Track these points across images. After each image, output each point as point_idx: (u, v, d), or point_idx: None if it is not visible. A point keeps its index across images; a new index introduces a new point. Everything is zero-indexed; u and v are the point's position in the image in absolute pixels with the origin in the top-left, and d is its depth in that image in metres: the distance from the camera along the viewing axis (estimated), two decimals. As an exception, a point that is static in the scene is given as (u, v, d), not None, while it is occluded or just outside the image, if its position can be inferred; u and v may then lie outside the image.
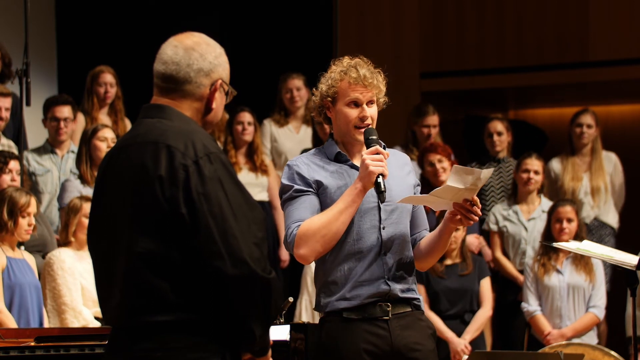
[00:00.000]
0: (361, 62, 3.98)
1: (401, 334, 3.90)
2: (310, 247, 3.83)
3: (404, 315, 3.93)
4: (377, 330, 3.89)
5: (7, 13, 8.46)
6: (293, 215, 3.89)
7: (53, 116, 7.38)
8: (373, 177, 3.79)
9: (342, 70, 3.97)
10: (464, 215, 3.83)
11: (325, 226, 3.82)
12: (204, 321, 3.03)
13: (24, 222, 5.82)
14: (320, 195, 3.92)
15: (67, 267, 6.05)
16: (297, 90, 8.38)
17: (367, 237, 3.90)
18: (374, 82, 3.94)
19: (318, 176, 3.93)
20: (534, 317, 7.08)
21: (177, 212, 2.99)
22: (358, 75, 3.92)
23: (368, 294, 3.88)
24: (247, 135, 7.92)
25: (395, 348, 3.89)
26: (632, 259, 4.55)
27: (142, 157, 3.06)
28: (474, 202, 3.81)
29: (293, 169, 3.95)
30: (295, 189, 3.91)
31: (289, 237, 3.86)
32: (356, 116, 3.93)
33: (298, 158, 4.01)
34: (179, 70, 3.16)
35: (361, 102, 3.93)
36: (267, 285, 3.01)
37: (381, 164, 3.80)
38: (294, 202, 3.91)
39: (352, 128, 3.94)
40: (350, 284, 3.89)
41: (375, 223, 3.92)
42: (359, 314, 3.89)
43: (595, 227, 7.97)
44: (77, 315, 6.01)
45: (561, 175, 8.01)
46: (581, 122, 8.01)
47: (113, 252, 3.09)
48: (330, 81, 3.99)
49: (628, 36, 9.21)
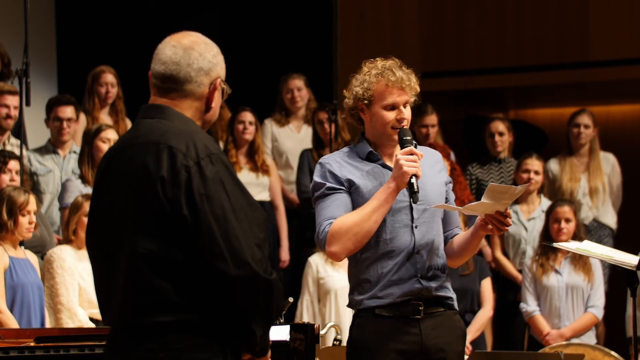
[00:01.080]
0: (395, 65, 4.01)
1: (432, 333, 3.94)
2: (342, 245, 3.88)
3: (437, 315, 3.97)
4: (408, 328, 3.92)
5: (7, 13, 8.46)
6: (325, 212, 3.93)
7: (56, 116, 7.38)
8: (407, 177, 3.83)
9: (378, 72, 3.98)
10: (495, 226, 3.89)
11: (358, 224, 3.86)
12: (205, 322, 3.03)
13: (24, 221, 5.82)
14: (352, 194, 3.96)
15: (67, 266, 6.05)
16: (297, 91, 8.38)
17: (399, 236, 3.94)
18: (410, 84, 3.98)
19: (350, 175, 3.97)
20: (533, 317, 7.08)
21: (179, 213, 2.99)
22: (396, 78, 3.95)
23: (400, 292, 3.92)
24: (248, 134, 7.92)
25: (424, 347, 3.93)
26: (632, 259, 4.55)
27: (143, 158, 3.06)
28: (506, 214, 3.87)
29: (325, 167, 3.99)
30: (328, 187, 3.95)
31: (321, 234, 3.90)
32: (393, 118, 3.97)
33: (330, 156, 4.05)
34: (179, 70, 3.16)
35: (398, 105, 3.97)
36: (268, 286, 3.02)
37: (415, 164, 3.84)
38: (326, 200, 3.94)
39: (388, 129, 3.97)
40: (383, 283, 3.92)
41: (408, 222, 3.95)
42: (390, 311, 3.93)
43: (594, 228, 7.96)
44: (72, 316, 6.01)
45: (559, 176, 8.01)
46: (578, 123, 8.01)
47: (114, 253, 3.09)
48: (365, 84, 3.99)
49: (628, 36, 9.21)
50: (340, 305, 6.63)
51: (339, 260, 4.01)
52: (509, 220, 3.87)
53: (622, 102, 10.35)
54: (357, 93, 4.01)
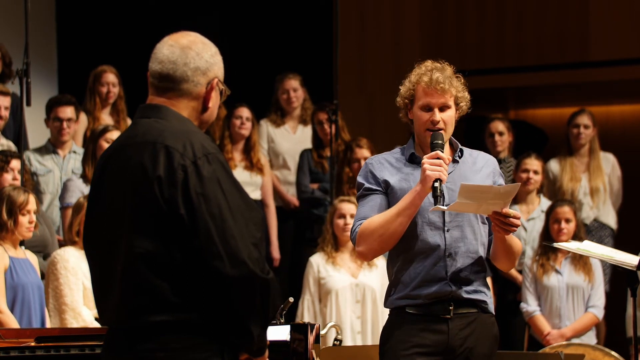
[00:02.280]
0: (439, 66, 4.06)
1: (459, 333, 3.97)
2: (368, 245, 3.96)
3: (467, 316, 3.99)
4: (436, 327, 3.96)
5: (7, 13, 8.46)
6: (360, 212, 4.03)
7: (56, 116, 7.38)
8: (430, 181, 3.85)
9: (420, 73, 4.04)
10: (498, 227, 3.89)
11: (383, 226, 3.92)
12: (203, 321, 3.03)
13: (24, 220, 5.82)
14: (388, 195, 4.02)
15: (70, 266, 6.05)
16: (293, 91, 8.38)
17: (430, 238, 3.97)
18: (445, 86, 4.00)
19: (387, 176, 4.03)
20: (533, 317, 7.09)
21: (176, 212, 2.99)
22: (430, 79, 3.99)
23: (430, 294, 3.95)
24: (244, 129, 7.91)
25: (450, 346, 3.96)
26: (632, 259, 4.55)
27: (140, 158, 3.07)
28: (505, 214, 3.85)
29: (368, 167, 4.09)
30: (365, 187, 4.04)
31: (352, 233, 4.00)
32: (427, 119, 4.00)
33: (377, 156, 4.14)
34: (176, 69, 3.16)
35: (433, 107, 4.00)
36: (265, 286, 3.02)
37: (439, 168, 3.86)
38: (362, 200, 4.05)
39: (423, 130, 4.02)
40: (414, 284, 3.97)
41: (440, 225, 3.98)
42: (421, 310, 3.97)
43: (595, 228, 7.97)
44: (77, 316, 6.01)
45: (559, 176, 8.01)
46: (578, 123, 8.01)
47: (111, 252, 3.09)
48: (408, 84, 4.06)
49: (628, 36, 9.21)
50: (341, 305, 6.63)
51: (367, 260, 4.10)
52: (512, 220, 3.86)
53: (622, 102, 10.35)
54: (402, 93, 4.08)
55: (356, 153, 7.39)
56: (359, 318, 6.61)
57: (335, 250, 6.71)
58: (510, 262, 4.10)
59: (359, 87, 9.61)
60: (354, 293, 6.63)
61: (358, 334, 6.59)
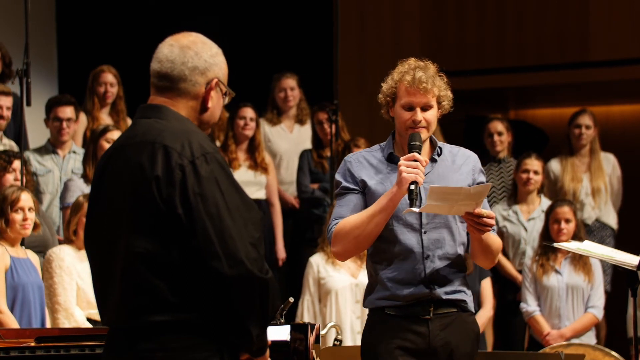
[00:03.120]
0: (422, 65, 4.02)
1: (440, 334, 3.96)
2: (343, 246, 3.95)
3: (447, 316, 3.99)
4: (416, 327, 3.95)
5: (7, 13, 8.46)
6: (335, 212, 4.00)
7: (56, 116, 7.38)
8: (406, 183, 3.83)
9: (402, 71, 4.01)
10: (472, 227, 3.87)
11: (358, 227, 3.90)
12: (202, 321, 3.03)
13: (17, 218, 5.80)
14: (365, 195, 3.99)
15: (65, 265, 6.05)
16: (290, 90, 8.38)
17: (407, 240, 3.96)
18: (428, 86, 3.97)
19: (365, 175, 4.01)
20: (533, 317, 7.08)
21: (174, 212, 2.99)
22: (412, 78, 3.96)
23: (410, 295, 3.94)
24: (248, 130, 7.91)
25: (432, 347, 3.95)
26: (632, 259, 4.55)
27: (139, 158, 3.07)
28: (478, 214, 3.83)
29: (346, 165, 4.06)
30: (342, 187, 4.01)
31: (328, 233, 3.98)
32: (409, 118, 3.98)
33: (354, 154, 4.10)
34: (173, 68, 3.16)
35: (415, 106, 3.97)
36: (264, 286, 3.01)
37: (415, 171, 3.84)
38: (339, 199, 4.02)
39: (404, 130, 3.99)
40: (393, 285, 3.95)
41: (417, 227, 3.97)
42: (400, 311, 3.96)
43: (596, 228, 7.96)
44: (69, 316, 6.01)
45: (561, 176, 8.01)
46: (579, 123, 8.01)
47: (111, 252, 3.10)
48: (390, 82, 4.03)
49: (628, 36, 9.21)
50: (341, 305, 6.63)
51: (343, 260, 4.04)
52: (485, 220, 3.83)
53: (622, 102, 10.36)
54: (384, 90, 4.05)
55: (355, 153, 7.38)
56: (359, 318, 6.61)
57: (335, 251, 6.70)
58: (490, 260, 4.08)
59: (359, 87, 9.61)
60: (353, 293, 6.63)
61: (358, 334, 6.59)
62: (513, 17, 9.59)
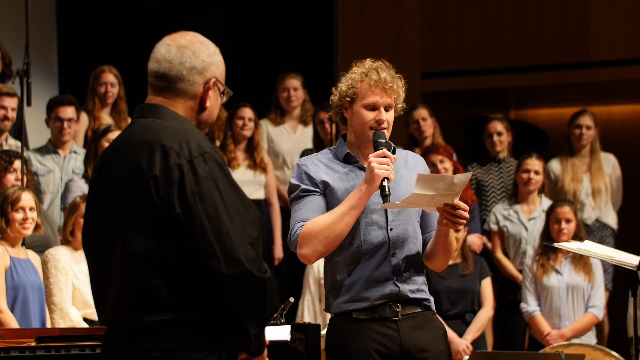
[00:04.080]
0: (383, 66, 3.98)
1: (411, 334, 3.92)
2: (312, 248, 3.87)
3: (414, 316, 3.95)
4: (386, 330, 3.90)
5: (8, 13, 8.46)
6: (298, 215, 3.93)
7: (57, 116, 7.39)
8: (378, 180, 3.80)
9: (363, 72, 3.96)
10: (448, 220, 3.82)
11: (329, 227, 3.84)
12: (200, 321, 3.03)
13: (17, 217, 5.80)
14: (326, 196, 3.94)
15: (60, 266, 6.05)
16: (294, 90, 8.38)
17: (374, 238, 3.91)
18: (393, 86, 3.95)
19: (325, 177, 3.95)
20: (533, 317, 7.08)
21: (172, 212, 2.99)
22: (379, 78, 3.92)
23: (377, 295, 3.90)
24: (247, 130, 7.92)
25: (404, 349, 3.91)
26: (632, 259, 4.55)
27: (137, 157, 3.07)
28: (455, 205, 3.79)
29: (302, 168, 3.98)
30: (302, 189, 3.94)
31: (293, 236, 3.90)
32: (372, 118, 3.94)
33: (308, 157, 4.03)
34: (171, 68, 3.16)
35: (379, 106, 3.94)
36: (262, 285, 3.01)
37: (387, 167, 3.81)
38: (300, 202, 3.94)
39: (367, 129, 3.95)
40: (359, 286, 3.90)
41: (383, 224, 3.93)
42: (368, 314, 3.91)
43: (596, 228, 7.97)
44: (64, 316, 6.01)
45: (561, 177, 8.01)
46: (580, 124, 8.01)
47: (109, 252, 3.10)
48: (350, 82, 3.98)
49: (629, 36, 9.21)
50: (341, 305, 6.62)
51: (310, 263, 3.98)
52: (461, 212, 3.79)
53: (623, 102, 10.36)
54: (342, 90, 3.99)
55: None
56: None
57: (335, 250, 6.70)
58: (446, 260, 4.02)
59: (360, 87, 9.60)
60: (354, 293, 6.62)
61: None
62: (513, 17, 9.59)
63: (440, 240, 3.92)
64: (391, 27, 9.86)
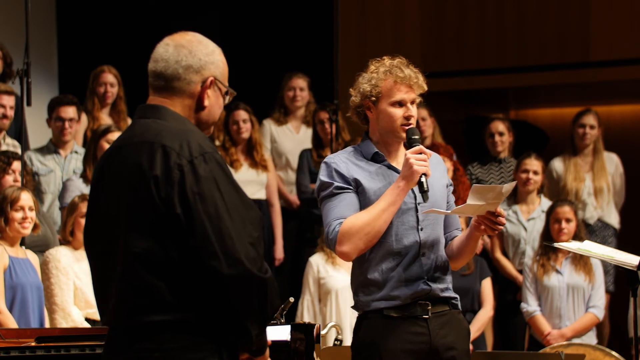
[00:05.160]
0: (404, 62, 4.00)
1: (440, 332, 3.95)
2: (353, 244, 3.89)
3: (443, 314, 3.99)
4: (416, 328, 3.94)
5: (8, 13, 8.46)
6: (334, 212, 3.93)
7: (58, 116, 7.39)
8: (417, 176, 3.83)
9: (386, 70, 3.97)
10: (488, 226, 3.89)
11: (369, 224, 3.86)
12: (200, 321, 3.03)
13: (17, 216, 5.80)
14: (358, 194, 3.95)
15: (61, 266, 6.05)
16: (300, 90, 8.38)
17: (406, 237, 3.95)
18: (418, 82, 3.97)
19: (357, 175, 3.97)
20: (534, 317, 7.08)
21: (173, 212, 2.99)
22: (404, 75, 3.94)
23: (408, 294, 3.93)
24: (244, 132, 7.92)
25: (433, 347, 3.94)
26: (632, 259, 4.55)
27: (137, 157, 3.07)
28: (497, 213, 3.87)
29: (331, 166, 3.98)
30: (336, 186, 3.94)
31: (331, 234, 3.90)
32: (401, 115, 3.96)
33: (335, 156, 4.04)
34: (167, 67, 3.17)
35: (406, 102, 3.96)
36: (263, 285, 3.01)
37: (425, 163, 3.85)
38: (334, 200, 3.94)
39: (397, 126, 3.96)
40: (390, 284, 3.94)
41: (414, 224, 3.97)
42: (399, 312, 3.94)
43: (598, 227, 7.96)
44: (66, 316, 6.01)
45: (564, 176, 8.01)
46: (584, 123, 8.00)
47: (110, 252, 3.10)
48: (373, 81, 3.98)
49: (629, 36, 9.21)
50: (341, 305, 6.63)
51: (350, 260, 4.00)
52: (501, 219, 3.88)
53: (623, 102, 10.35)
54: (364, 90, 4.00)
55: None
56: (359, 318, 6.60)
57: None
58: (466, 262, 4.14)
59: (360, 87, 9.59)
60: (354, 293, 6.62)
61: (358, 334, 6.58)
62: (514, 17, 9.59)
63: (471, 243, 4.00)
64: (391, 27, 9.85)
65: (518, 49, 9.56)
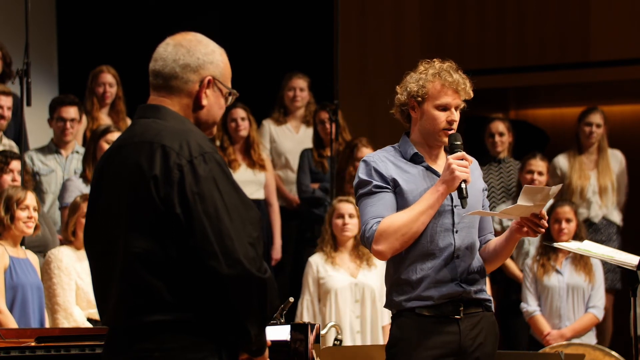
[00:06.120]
0: (453, 67, 4.04)
1: (470, 333, 3.99)
2: (389, 244, 3.91)
3: (475, 315, 4.02)
4: (447, 327, 3.97)
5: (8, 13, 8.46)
6: (372, 211, 3.96)
7: (59, 116, 7.39)
8: (458, 182, 3.88)
9: (435, 72, 4.00)
10: (531, 229, 3.91)
11: (406, 225, 3.90)
12: (200, 321, 3.03)
13: (22, 215, 5.81)
14: (396, 195, 3.98)
15: (63, 266, 6.05)
16: (300, 91, 8.38)
17: (441, 239, 3.98)
18: (465, 88, 4.01)
19: (395, 175, 4.00)
20: (533, 317, 7.08)
21: (172, 212, 2.99)
22: (452, 79, 3.98)
23: (442, 294, 3.96)
24: (242, 130, 7.92)
25: (462, 347, 3.98)
26: (632, 259, 4.55)
27: (137, 157, 3.07)
28: (541, 216, 3.89)
29: (371, 165, 4.01)
30: (375, 185, 3.97)
31: (368, 232, 3.94)
32: (444, 119, 3.99)
33: (374, 154, 4.07)
34: (165, 66, 3.17)
35: (450, 107, 3.99)
36: (262, 285, 3.01)
37: (466, 170, 3.90)
38: (372, 198, 3.98)
39: (439, 130, 4.00)
40: (424, 285, 3.97)
41: (449, 226, 4.00)
42: (431, 311, 3.97)
43: (603, 225, 7.97)
44: (68, 316, 6.01)
45: (568, 174, 8.00)
46: (590, 122, 8.01)
47: (110, 252, 3.10)
48: (421, 82, 4.01)
49: (629, 36, 9.21)
50: (341, 305, 6.62)
51: (385, 259, 4.03)
52: (544, 222, 3.90)
53: (623, 102, 10.35)
54: (411, 89, 4.02)
55: (362, 152, 7.37)
56: (359, 318, 6.61)
57: (334, 250, 6.70)
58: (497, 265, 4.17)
59: (360, 87, 9.61)
60: (353, 293, 6.63)
61: (357, 333, 6.59)
62: (514, 17, 9.59)
63: (510, 245, 4.03)
64: (391, 27, 9.85)
65: (518, 49, 9.56)
